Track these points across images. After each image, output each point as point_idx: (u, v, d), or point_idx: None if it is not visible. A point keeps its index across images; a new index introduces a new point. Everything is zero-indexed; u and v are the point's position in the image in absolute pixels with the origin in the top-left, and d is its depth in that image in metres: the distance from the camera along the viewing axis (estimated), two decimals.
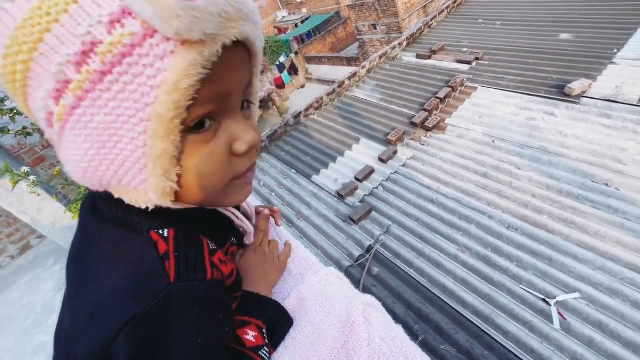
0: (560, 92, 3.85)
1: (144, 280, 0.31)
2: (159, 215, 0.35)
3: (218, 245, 0.43)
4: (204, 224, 0.43)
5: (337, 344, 0.40)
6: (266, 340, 0.44)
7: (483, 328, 2.29)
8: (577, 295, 2.29)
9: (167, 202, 0.33)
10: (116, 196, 0.34)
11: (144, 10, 0.24)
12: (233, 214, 0.52)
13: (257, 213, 0.63)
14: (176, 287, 0.32)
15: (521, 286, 2.43)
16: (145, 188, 0.32)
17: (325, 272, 0.50)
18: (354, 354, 0.39)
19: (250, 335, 0.43)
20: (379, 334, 0.40)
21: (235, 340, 0.42)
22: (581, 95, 3.71)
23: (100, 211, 0.37)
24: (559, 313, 2.23)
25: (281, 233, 0.63)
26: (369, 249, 3.01)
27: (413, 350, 0.37)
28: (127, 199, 0.34)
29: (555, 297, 2.30)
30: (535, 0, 5.78)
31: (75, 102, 0.28)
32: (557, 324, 2.20)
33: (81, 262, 0.35)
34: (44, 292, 2.99)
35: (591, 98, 3.65)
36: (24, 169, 1.52)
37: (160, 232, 0.34)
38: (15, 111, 2.53)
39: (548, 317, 2.25)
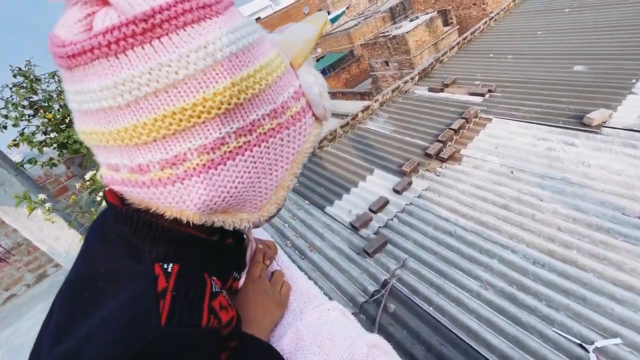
0: (579, 122, 3.76)
1: (134, 318, 0.30)
2: (173, 243, 0.36)
3: (222, 280, 0.42)
4: (215, 254, 0.42)
5: None
6: None
7: None
8: (618, 340, 2.06)
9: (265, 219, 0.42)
10: (213, 220, 0.37)
11: (318, 104, 0.41)
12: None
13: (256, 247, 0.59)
14: (165, 331, 0.30)
15: (553, 329, 2.22)
16: (261, 208, 0.40)
17: (326, 306, 0.45)
18: None
19: None
20: None
21: None
22: (602, 125, 3.61)
23: (109, 238, 0.37)
24: None
25: (282, 261, 0.59)
26: (385, 284, 2.87)
27: None
28: (232, 221, 0.38)
29: (593, 342, 2.08)
30: (546, 34, 5.88)
31: (257, 142, 0.36)
32: None
33: (82, 294, 0.34)
34: None
35: (613, 128, 3.54)
36: (41, 196, 1.56)
37: (165, 266, 0.33)
38: (44, 143, 2.68)
39: None
